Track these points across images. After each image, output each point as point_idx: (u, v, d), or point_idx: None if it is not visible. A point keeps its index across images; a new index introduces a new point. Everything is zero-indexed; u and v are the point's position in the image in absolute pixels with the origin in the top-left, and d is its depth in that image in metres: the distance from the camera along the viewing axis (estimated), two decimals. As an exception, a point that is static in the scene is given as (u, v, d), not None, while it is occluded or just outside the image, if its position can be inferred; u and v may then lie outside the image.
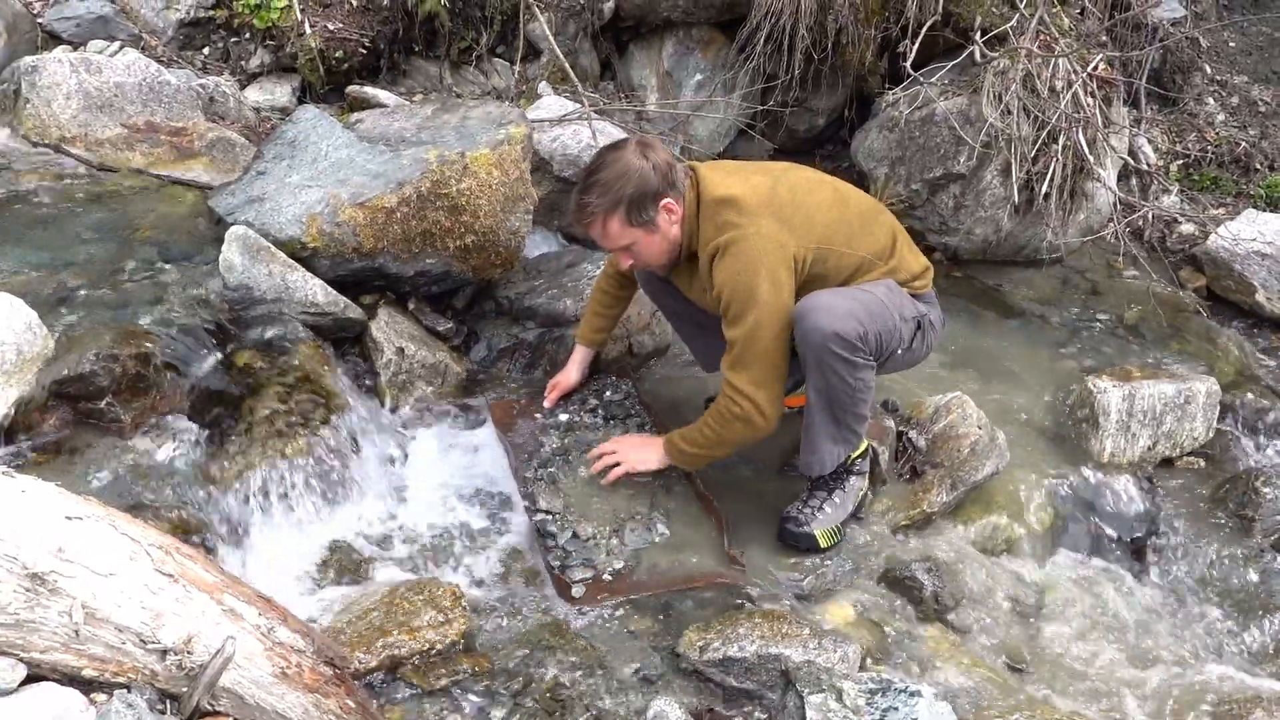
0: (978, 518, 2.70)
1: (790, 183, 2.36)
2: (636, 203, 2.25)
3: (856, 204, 2.43)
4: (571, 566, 2.31)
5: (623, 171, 2.25)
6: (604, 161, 2.30)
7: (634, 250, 2.36)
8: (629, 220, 2.28)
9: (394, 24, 4.09)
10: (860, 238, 2.36)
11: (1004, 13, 3.85)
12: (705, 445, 2.38)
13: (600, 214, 2.28)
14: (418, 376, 2.79)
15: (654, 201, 2.27)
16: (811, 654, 2.06)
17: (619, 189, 2.24)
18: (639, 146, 2.30)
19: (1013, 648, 2.43)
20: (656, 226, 2.30)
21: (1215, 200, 4.37)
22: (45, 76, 3.24)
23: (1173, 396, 3.02)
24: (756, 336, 2.23)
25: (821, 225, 2.31)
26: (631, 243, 2.33)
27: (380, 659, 1.98)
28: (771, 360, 2.26)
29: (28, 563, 1.35)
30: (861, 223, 2.39)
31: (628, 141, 2.35)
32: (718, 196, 2.28)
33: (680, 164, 2.35)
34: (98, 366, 2.20)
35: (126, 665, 1.43)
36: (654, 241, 2.33)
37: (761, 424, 2.30)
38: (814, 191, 2.37)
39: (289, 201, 2.71)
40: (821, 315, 2.22)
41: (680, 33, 4.30)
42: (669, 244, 2.35)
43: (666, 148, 2.37)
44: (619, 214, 2.27)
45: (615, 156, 2.29)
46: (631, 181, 2.24)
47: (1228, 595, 2.70)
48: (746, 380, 2.26)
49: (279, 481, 2.33)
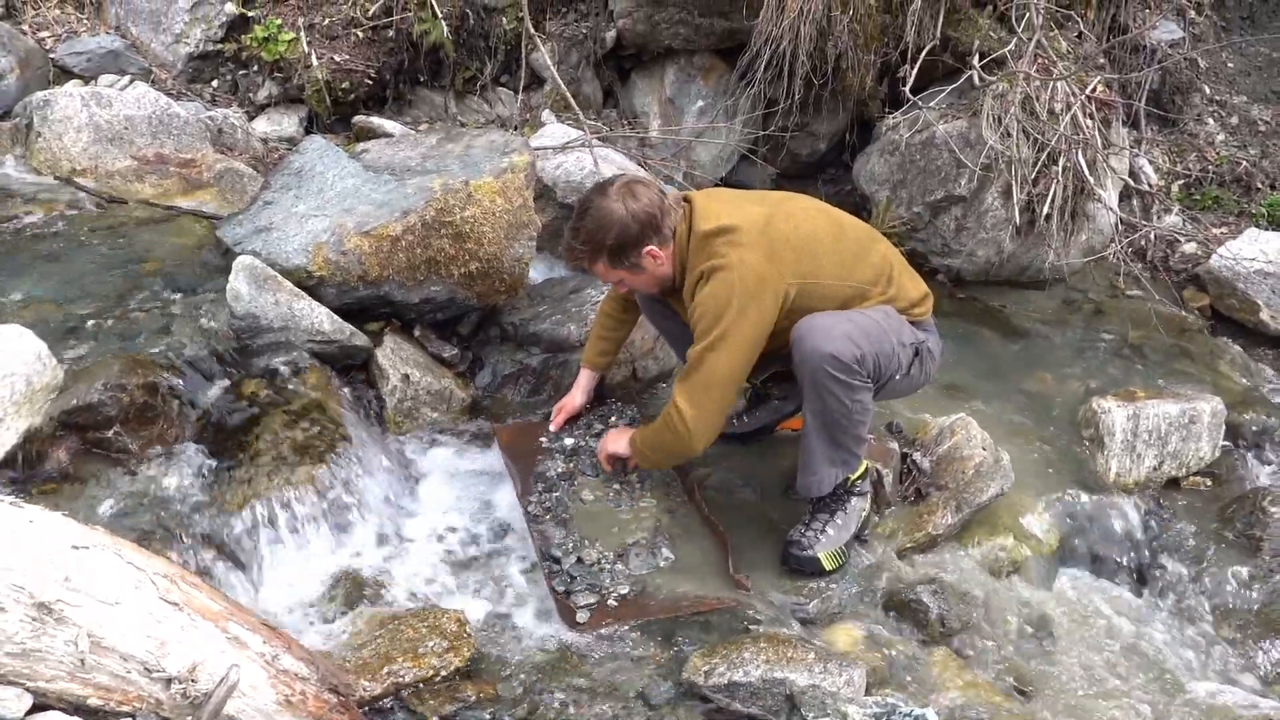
0: (983, 540, 2.69)
1: (787, 212, 2.38)
2: (618, 251, 2.33)
3: (852, 233, 2.45)
4: (576, 592, 2.31)
5: (603, 222, 2.30)
6: (588, 209, 2.34)
7: (625, 283, 2.45)
8: (612, 265, 2.36)
9: (399, 55, 4.15)
10: (854, 267, 2.38)
11: (1002, 37, 3.89)
12: (646, 445, 2.43)
13: (585, 257, 2.38)
14: (423, 403, 2.81)
15: (635, 249, 2.32)
16: (817, 678, 2.05)
17: (600, 239, 2.32)
18: (622, 193, 2.31)
19: (1019, 670, 2.41)
20: (642, 269, 2.37)
21: (1217, 220, 4.38)
22: (57, 110, 3.30)
23: (1177, 416, 3.01)
24: (708, 360, 2.25)
25: (812, 258, 2.33)
26: (620, 279, 2.43)
27: (385, 686, 1.98)
28: (715, 386, 2.27)
29: (35, 592, 1.36)
30: (856, 251, 2.40)
31: (612, 185, 2.35)
32: (708, 230, 2.31)
33: (669, 201, 2.36)
34: (106, 396, 2.23)
35: (131, 694, 1.45)
36: (642, 279, 2.41)
37: (685, 439, 2.29)
38: (810, 220, 2.39)
39: (296, 231, 2.74)
40: (819, 337, 2.24)
41: (681, 60, 4.35)
42: (659, 278, 2.41)
43: (655, 187, 2.38)
44: (603, 259, 2.36)
45: (599, 204, 2.32)
46: (611, 233, 2.30)
47: (1236, 616, 2.68)
48: (687, 400, 2.27)
49: (285, 509, 2.34)
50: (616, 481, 2.61)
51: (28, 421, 2.12)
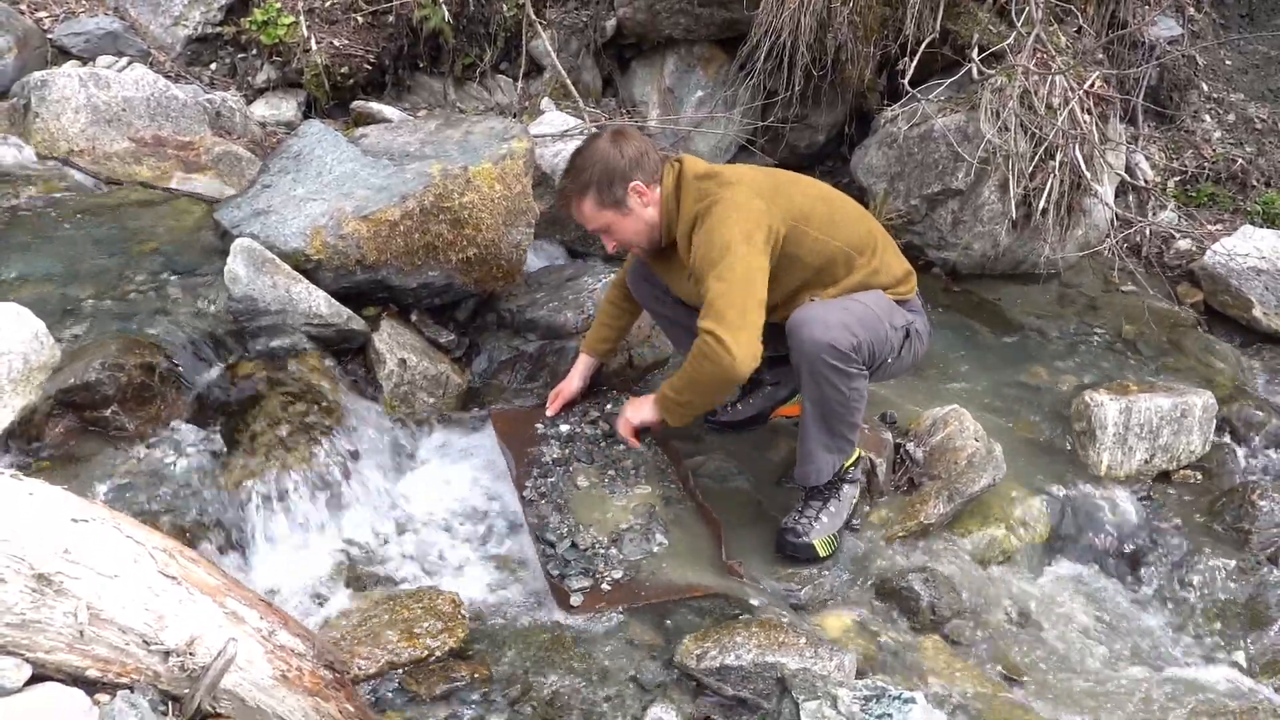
0: (975, 529, 2.71)
1: (777, 174, 2.46)
2: (603, 184, 2.36)
3: (840, 203, 2.49)
4: (570, 576, 2.33)
5: (590, 157, 2.37)
6: (580, 150, 2.43)
7: (612, 231, 2.44)
8: (599, 202, 2.38)
9: (399, 40, 4.15)
10: (839, 228, 2.40)
11: (1001, 31, 3.90)
12: (683, 389, 2.33)
13: (573, 196, 2.41)
14: (419, 387, 2.82)
15: (621, 183, 2.35)
16: (808, 662, 2.08)
17: (587, 173, 2.36)
18: (612, 136, 2.41)
19: (1008, 658, 2.44)
20: (628, 208, 2.38)
21: (1212, 216, 4.40)
22: (55, 91, 3.29)
23: (1169, 410, 3.03)
24: (727, 282, 2.19)
25: (800, 206, 2.37)
26: (607, 224, 2.42)
27: (380, 665, 2.00)
28: (741, 304, 2.19)
29: (34, 563, 1.37)
30: (843, 216, 2.44)
31: (603, 131, 2.48)
32: (699, 172, 2.38)
33: (659, 153, 2.43)
34: (103, 375, 2.23)
35: (130, 666, 1.45)
36: (628, 223, 2.41)
37: (728, 361, 2.17)
38: (798, 183, 2.46)
39: (294, 214, 2.74)
40: (815, 327, 2.25)
41: (681, 50, 4.36)
42: (645, 225, 2.42)
43: (645, 139, 2.47)
44: (590, 196, 2.38)
45: (588, 145, 2.42)
46: (597, 166, 2.35)
47: (1224, 607, 2.71)
48: (714, 321, 2.19)
49: (281, 490, 2.35)
50: (612, 468, 2.63)
51: (25, 400, 2.13)
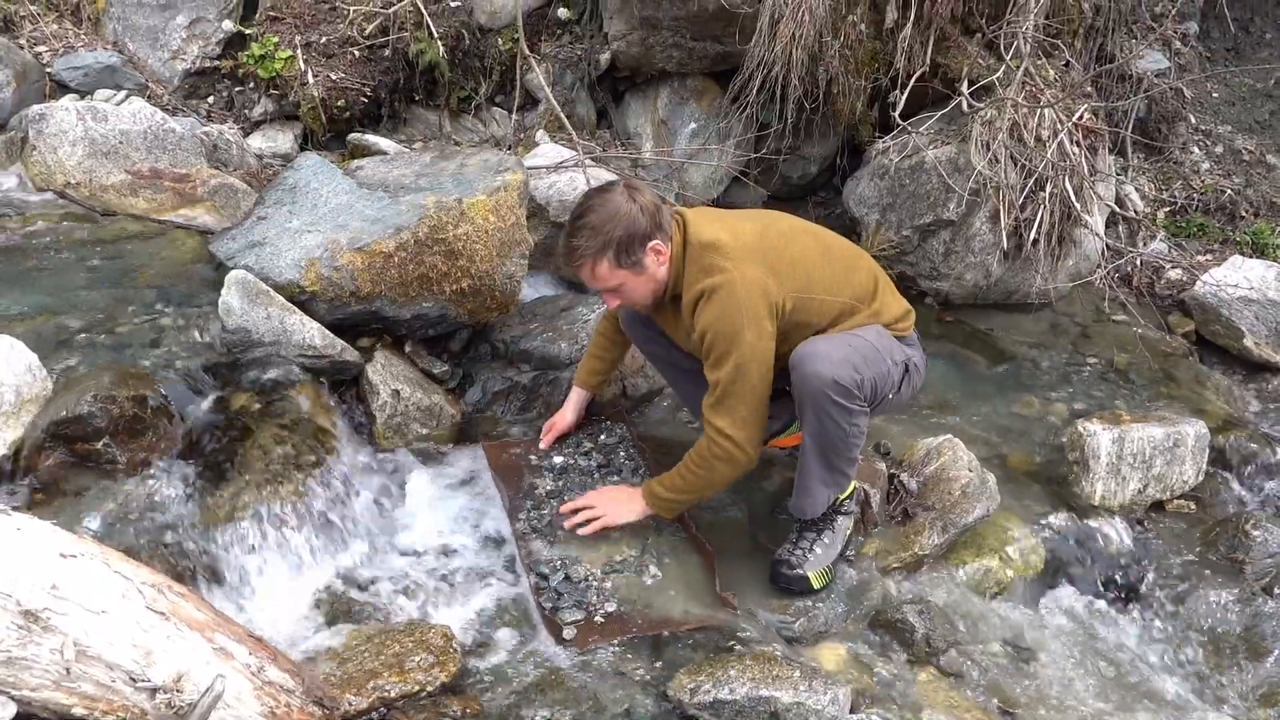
0: (969, 560, 2.71)
1: (777, 230, 2.41)
2: (624, 245, 2.27)
3: (839, 252, 2.47)
4: (563, 609, 2.32)
5: (611, 214, 2.26)
6: (592, 204, 2.31)
7: (621, 291, 2.37)
8: (617, 262, 2.29)
9: (395, 74, 4.19)
10: (842, 284, 2.40)
11: (990, 64, 3.95)
12: (689, 489, 2.39)
13: (589, 257, 2.29)
14: (413, 419, 2.81)
15: (642, 244, 2.28)
16: (802, 696, 2.06)
17: (608, 232, 2.26)
18: (626, 189, 2.31)
19: (1004, 691, 2.42)
20: (644, 268, 2.32)
21: (1202, 247, 4.43)
22: (52, 124, 3.31)
23: (1162, 440, 3.04)
24: (739, 379, 2.25)
25: (804, 272, 2.34)
26: (619, 284, 2.35)
27: (370, 700, 1.98)
28: (753, 402, 2.28)
29: (22, 599, 1.37)
30: (844, 268, 2.43)
31: (615, 184, 2.36)
32: (704, 240, 2.31)
33: (667, 207, 2.39)
34: (95, 408, 2.23)
35: (116, 703, 1.44)
36: (641, 283, 2.35)
37: (744, 461, 2.31)
38: (798, 239, 2.41)
39: (289, 246, 2.75)
40: (820, 363, 2.25)
41: (675, 83, 4.40)
42: (655, 285, 2.37)
43: (653, 190, 2.39)
44: (608, 257, 2.28)
45: (604, 200, 2.30)
46: (620, 224, 2.26)
47: (1219, 639, 2.70)
48: (729, 422, 2.27)
49: (273, 523, 2.33)
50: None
51: (16, 433, 2.12)
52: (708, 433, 2.31)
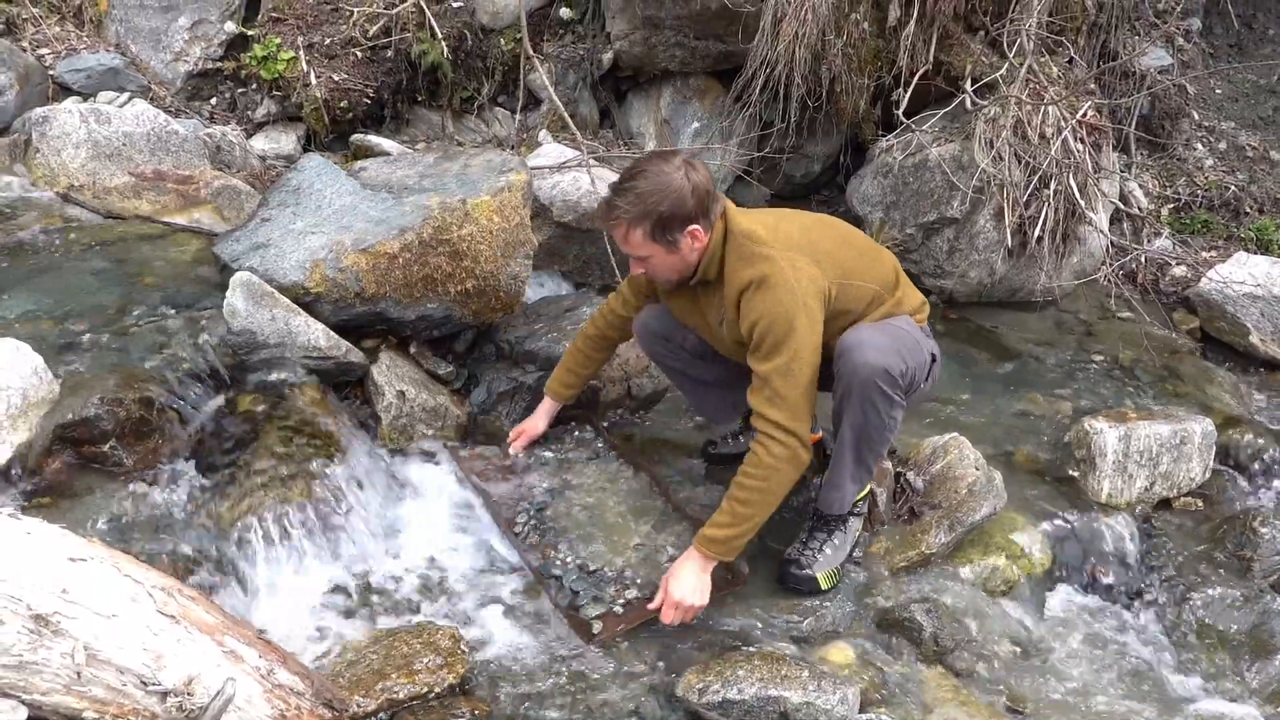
0: (976, 559, 2.70)
1: (802, 224, 2.38)
2: (665, 222, 2.19)
3: (861, 242, 2.47)
4: (582, 605, 2.31)
5: (661, 186, 2.17)
6: (646, 170, 2.22)
7: (650, 263, 2.30)
8: (652, 236, 2.21)
9: (398, 75, 4.19)
10: (871, 270, 2.37)
11: (994, 62, 3.94)
12: (747, 515, 2.21)
13: (626, 222, 2.21)
14: (418, 419, 2.81)
15: (682, 225, 2.20)
16: (811, 696, 2.06)
17: (653, 203, 2.17)
18: (685, 165, 2.21)
19: (1012, 689, 2.42)
20: (678, 248, 2.24)
21: (1206, 243, 4.43)
22: (55, 126, 3.31)
23: (1169, 437, 3.03)
24: (794, 370, 2.15)
25: (840, 261, 2.30)
26: (648, 255, 2.27)
27: (379, 702, 1.98)
28: (808, 396, 2.19)
29: (32, 604, 1.36)
30: (869, 257, 2.42)
31: (676, 154, 2.25)
32: (745, 230, 2.25)
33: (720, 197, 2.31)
34: (101, 410, 2.23)
35: (127, 707, 1.44)
36: (671, 261, 2.28)
37: (806, 459, 2.20)
38: (824, 230, 2.40)
39: (293, 248, 2.75)
40: (869, 351, 2.21)
41: (678, 82, 4.40)
42: (684, 266, 2.30)
43: (709, 172, 2.28)
44: (644, 227, 2.20)
45: (659, 169, 2.20)
46: (667, 200, 2.17)
47: (1227, 636, 2.69)
48: (786, 414, 2.15)
49: (279, 525, 2.33)
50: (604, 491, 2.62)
51: (23, 436, 2.12)
52: (763, 433, 2.18)
